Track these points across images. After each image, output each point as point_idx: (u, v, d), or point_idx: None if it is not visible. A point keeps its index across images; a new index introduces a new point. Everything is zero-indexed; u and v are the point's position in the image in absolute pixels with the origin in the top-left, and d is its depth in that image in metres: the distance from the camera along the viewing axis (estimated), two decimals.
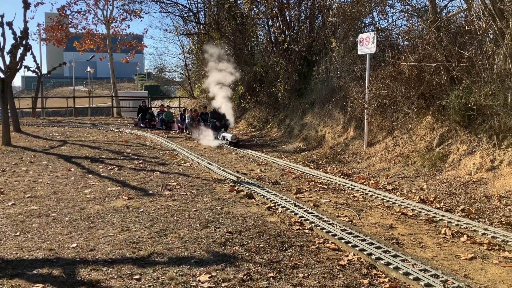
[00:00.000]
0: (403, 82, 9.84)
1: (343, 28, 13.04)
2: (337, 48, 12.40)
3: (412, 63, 9.35)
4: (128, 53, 29.33)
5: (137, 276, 4.00)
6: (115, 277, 4.00)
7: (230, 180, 8.47)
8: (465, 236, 5.31)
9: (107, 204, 6.62)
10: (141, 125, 20.47)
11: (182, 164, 10.41)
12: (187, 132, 17.53)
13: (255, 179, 8.73)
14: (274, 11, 16.33)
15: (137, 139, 15.76)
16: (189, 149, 12.96)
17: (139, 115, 20.92)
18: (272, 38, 17.99)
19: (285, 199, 6.90)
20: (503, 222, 5.87)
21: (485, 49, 7.96)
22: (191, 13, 25.76)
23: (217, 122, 15.42)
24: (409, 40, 10.19)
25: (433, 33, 8.89)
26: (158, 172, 9.22)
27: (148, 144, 14.29)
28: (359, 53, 11.21)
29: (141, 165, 10.14)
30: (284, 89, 15.70)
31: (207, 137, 15.19)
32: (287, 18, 16.58)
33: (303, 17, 16.38)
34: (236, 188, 7.77)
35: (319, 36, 14.19)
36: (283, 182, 8.51)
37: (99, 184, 8.09)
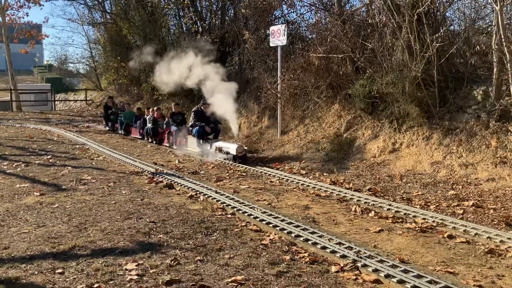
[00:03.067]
0: (312, 73, 10.37)
1: (254, 20, 13.34)
2: (249, 39, 12.66)
3: (321, 55, 9.88)
4: (27, 43, 27.28)
5: (59, 270, 3.88)
6: (36, 272, 3.84)
7: (148, 171, 8.38)
8: (372, 212, 5.82)
9: (17, 202, 6.24)
10: (107, 128, 16.75)
11: (95, 158, 10.06)
12: (150, 139, 13.07)
13: (174, 170, 8.71)
14: (185, 1, 16.20)
15: (43, 134, 14.86)
16: (101, 143, 12.52)
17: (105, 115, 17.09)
18: (184, 29, 17.84)
19: (206, 187, 7.01)
20: (404, 198, 6.52)
21: (385, 41, 8.66)
22: (96, 2, 24.68)
23: (207, 126, 10.81)
24: (317, 32, 10.73)
25: (339, 26, 9.47)
26: (70, 167, 8.82)
27: (55, 139, 13.54)
28: (271, 44, 11.57)
29: (50, 160, 9.62)
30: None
31: (188, 149, 11.24)
32: (199, 8, 16.55)
33: (215, 8, 16.45)
34: (155, 179, 7.71)
35: (232, 27, 14.37)
36: (202, 172, 8.59)
37: (5, 181, 7.57)
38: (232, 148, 9.57)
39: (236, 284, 3.57)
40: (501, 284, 3.71)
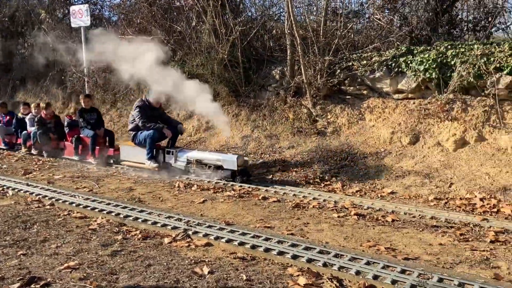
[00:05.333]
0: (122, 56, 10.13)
1: None
2: (46, 19, 11.62)
3: (130, 36, 9.72)
4: None
5: None
6: None
7: None
8: (195, 186, 6.17)
9: None
10: None
11: None
12: (34, 150, 8.67)
13: None
14: None
15: None
16: None
17: None
18: None
19: (14, 181, 6.38)
20: None
21: (193, 24, 9.02)
22: None
23: (166, 128, 7.17)
24: (124, 14, 10.49)
25: (146, 8, 9.46)
26: None
27: None
28: (73, 25, 10.85)
29: None
30: None
31: (126, 163, 7.46)
32: None
33: None
34: None
35: (24, 5, 12.93)
36: (4, 166, 7.73)
37: None
38: (228, 160, 6.40)
39: (70, 270, 3.47)
40: (307, 230, 4.44)
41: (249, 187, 6.00)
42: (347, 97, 7.80)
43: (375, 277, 3.29)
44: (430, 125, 6.70)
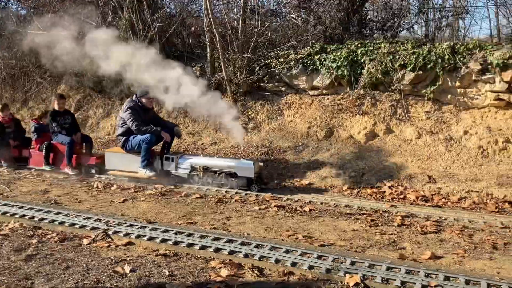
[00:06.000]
0: (33, 51, 9.58)
1: None
2: None
3: (41, 32, 9.21)
4: None
5: None
6: None
7: None
8: (115, 185, 6.05)
9: None
10: None
11: None
12: None
13: None
14: None
15: None
16: None
17: None
18: None
19: None
20: None
21: (108, 19, 8.75)
22: None
23: (164, 132, 6.35)
24: (34, 7, 9.92)
25: (59, 2, 9.02)
26: None
27: None
28: None
29: None
30: None
31: (114, 172, 6.49)
32: None
33: None
34: None
35: None
36: None
37: None
38: (244, 167, 5.80)
39: None
40: (230, 223, 4.55)
41: (172, 185, 5.99)
42: (267, 93, 8.02)
43: (294, 264, 3.46)
44: (343, 119, 7.10)
